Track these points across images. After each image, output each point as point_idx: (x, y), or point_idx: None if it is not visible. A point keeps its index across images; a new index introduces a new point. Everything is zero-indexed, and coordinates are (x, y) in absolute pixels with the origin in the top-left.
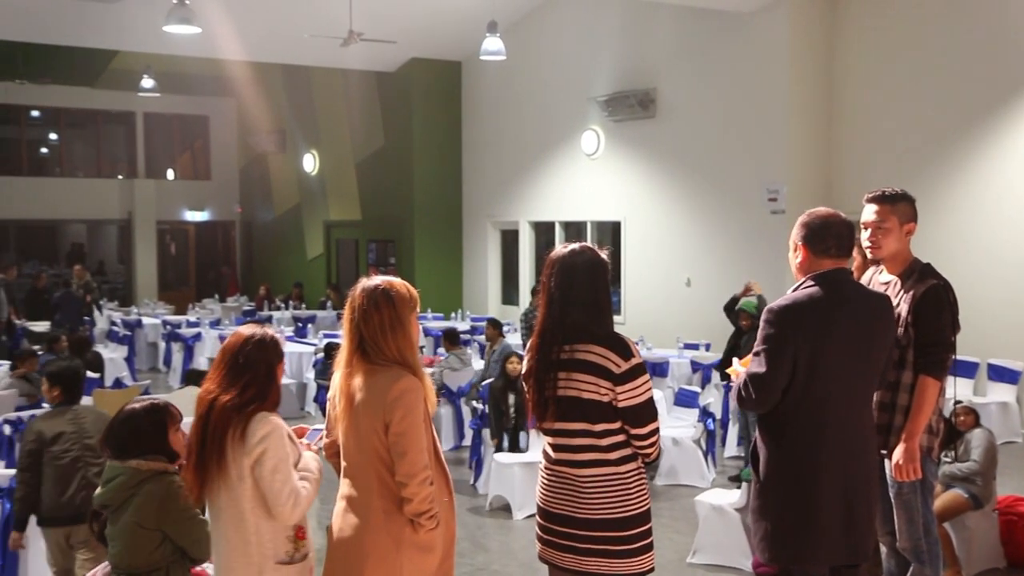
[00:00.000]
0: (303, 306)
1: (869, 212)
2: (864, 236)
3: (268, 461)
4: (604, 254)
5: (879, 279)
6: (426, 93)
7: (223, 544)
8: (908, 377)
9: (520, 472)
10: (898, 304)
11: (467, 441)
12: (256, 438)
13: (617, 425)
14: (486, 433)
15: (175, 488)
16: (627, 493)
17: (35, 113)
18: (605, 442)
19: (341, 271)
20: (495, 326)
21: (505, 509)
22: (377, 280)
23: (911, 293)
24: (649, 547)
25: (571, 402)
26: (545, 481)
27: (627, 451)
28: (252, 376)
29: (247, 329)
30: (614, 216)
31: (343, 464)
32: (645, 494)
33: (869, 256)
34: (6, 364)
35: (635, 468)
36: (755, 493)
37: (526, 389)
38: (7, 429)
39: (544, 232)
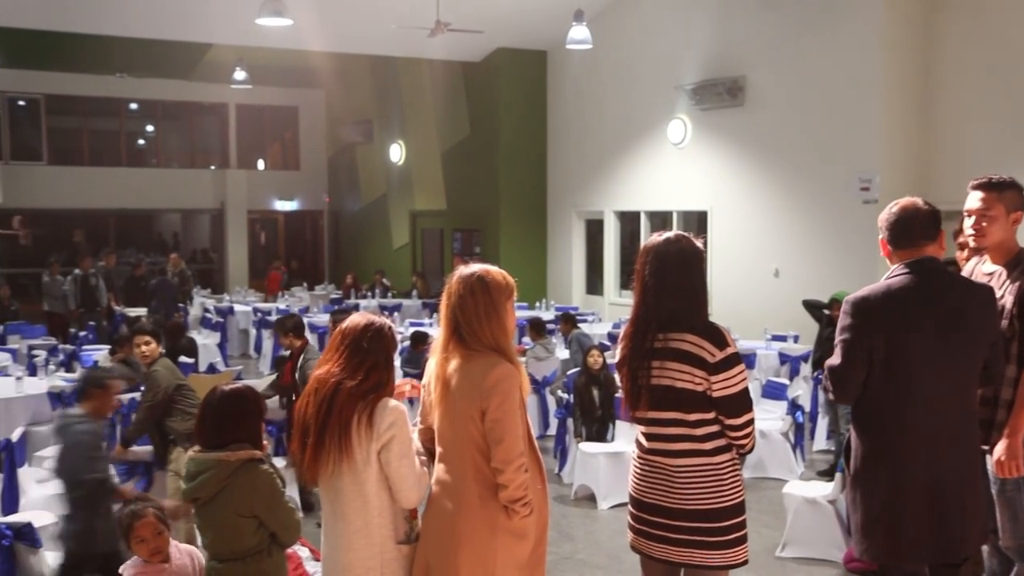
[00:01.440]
0: (388, 293)
1: (974, 199)
2: (967, 224)
3: (396, 447)
4: (699, 243)
5: (982, 269)
6: (512, 83)
7: (342, 525)
8: (1012, 371)
9: (605, 462)
10: (1002, 296)
11: (552, 430)
12: (385, 424)
13: (712, 415)
14: (571, 422)
15: (267, 475)
16: (721, 484)
17: (133, 106)
18: (699, 432)
19: (427, 260)
20: (567, 320)
21: (590, 499)
22: (474, 267)
23: (1017, 284)
24: (743, 539)
25: (665, 391)
26: (638, 470)
27: (721, 441)
28: (374, 363)
29: (362, 317)
30: (701, 206)
31: (438, 449)
32: (739, 485)
33: (972, 245)
34: (106, 349)
35: (729, 459)
36: (848, 485)
37: (619, 377)
38: None
39: (629, 222)
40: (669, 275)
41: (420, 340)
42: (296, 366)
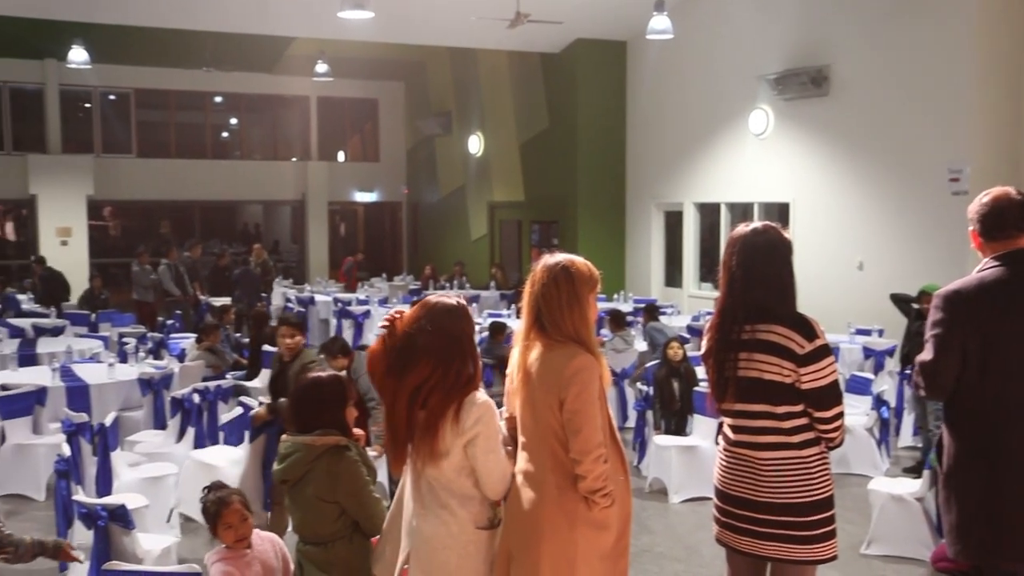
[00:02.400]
0: (467, 285)
1: None
2: None
3: (481, 442)
4: (787, 234)
5: None
6: (591, 74)
7: (423, 512)
8: None
9: (677, 456)
10: None
11: (631, 422)
12: (471, 420)
13: (800, 408)
14: (651, 414)
15: (350, 463)
16: (809, 478)
17: (218, 99)
18: (787, 425)
19: (504, 252)
20: (648, 312)
21: (662, 492)
22: (559, 257)
23: None
24: (832, 534)
25: (752, 383)
26: (724, 463)
27: (810, 435)
28: (460, 353)
29: (441, 299)
30: (782, 197)
31: (520, 439)
32: (828, 479)
33: None
34: (192, 337)
35: (818, 453)
36: (941, 484)
37: (705, 369)
38: (196, 398)
39: (709, 214)
40: (757, 265)
41: (499, 330)
42: (353, 381)
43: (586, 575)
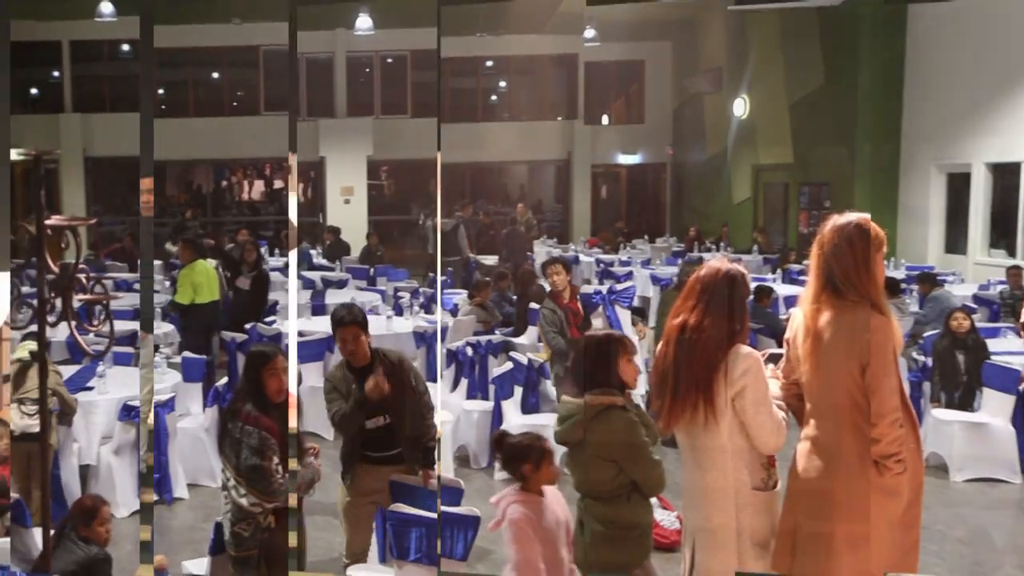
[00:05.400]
0: (729, 248)
1: None
2: None
3: (750, 395)
4: None
5: None
6: (871, 27)
7: (698, 473)
8: None
9: (960, 432)
10: None
11: None
12: (739, 371)
13: None
14: (926, 386)
15: (627, 423)
16: None
17: (489, 63)
18: None
19: (767, 215)
20: (926, 280)
21: (941, 468)
22: (849, 216)
23: None
24: None
25: None
26: None
27: None
28: (731, 309)
29: (721, 263)
30: None
31: (807, 405)
32: None
33: None
34: (463, 293)
35: None
36: None
37: None
38: (469, 351)
39: (1003, 175)
40: None
41: (765, 294)
42: None
43: (876, 544)
